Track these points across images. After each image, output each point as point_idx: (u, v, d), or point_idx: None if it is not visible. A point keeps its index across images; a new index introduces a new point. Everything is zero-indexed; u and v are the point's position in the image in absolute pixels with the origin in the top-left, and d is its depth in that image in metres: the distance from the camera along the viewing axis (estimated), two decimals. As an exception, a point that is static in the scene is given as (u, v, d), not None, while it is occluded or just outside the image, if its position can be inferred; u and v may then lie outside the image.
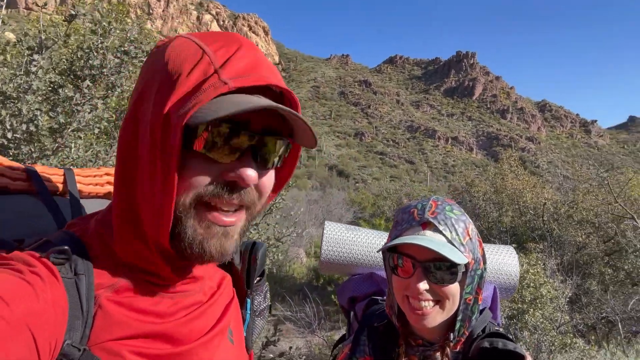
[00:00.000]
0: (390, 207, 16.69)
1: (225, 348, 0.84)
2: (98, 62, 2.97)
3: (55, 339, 0.61)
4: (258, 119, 0.71)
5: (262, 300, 1.07)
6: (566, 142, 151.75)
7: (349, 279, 1.82)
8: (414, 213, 1.24)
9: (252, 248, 1.02)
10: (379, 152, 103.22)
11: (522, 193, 11.10)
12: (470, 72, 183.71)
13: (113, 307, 0.70)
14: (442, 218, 1.20)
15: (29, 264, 0.65)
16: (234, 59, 0.70)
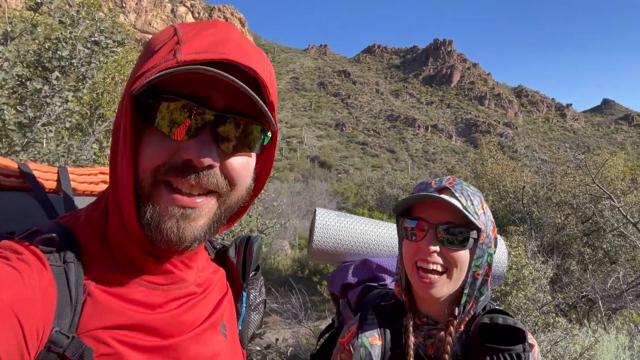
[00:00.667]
0: (373, 196, 16.78)
1: (217, 341, 0.83)
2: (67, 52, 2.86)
3: (42, 325, 0.61)
4: (220, 97, 0.69)
5: (257, 294, 1.06)
6: (543, 126, 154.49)
7: (341, 266, 1.79)
8: (432, 183, 1.26)
9: (247, 242, 1.00)
10: (360, 142, 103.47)
11: (502, 177, 11.26)
12: (448, 59, 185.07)
13: (102, 296, 0.70)
14: (459, 188, 1.22)
15: (17, 252, 0.64)
16: (199, 37, 0.69)
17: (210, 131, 0.69)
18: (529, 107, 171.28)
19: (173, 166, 0.68)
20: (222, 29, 0.72)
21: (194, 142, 0.68)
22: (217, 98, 0.69)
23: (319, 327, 7.26)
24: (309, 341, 6.31)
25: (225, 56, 0.66)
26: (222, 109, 0.69)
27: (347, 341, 1.34)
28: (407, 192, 15.11)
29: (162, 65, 0.65)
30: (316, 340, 6.04)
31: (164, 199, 0.69)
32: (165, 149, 0.68)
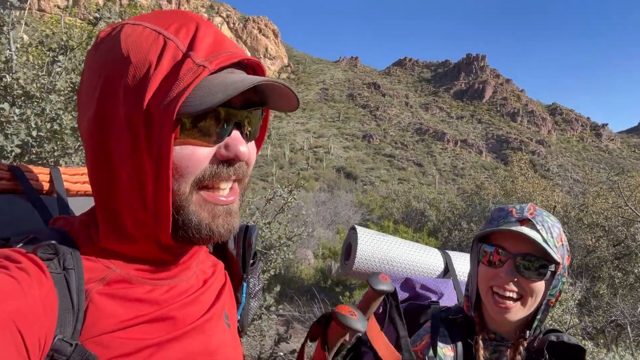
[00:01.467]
0: (398, 210, 16.66)
1: (221, 331, 0.85)
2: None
3: (44, 334, 0.60)
4: (237, 96, 0.70)
5: (256, 282, 1.08)
6: (577, 145, 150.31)
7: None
8: (512, 211, 1.29)
9: (246, 232, 1.02)
10: (387, 155, 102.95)
11: (532, 196, 11.05)
12: (480, 74, 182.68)
13: (105, 300, 0.69)
14: (540, 220, 1.25)
15: (15, 260, 0.63)
16: (198, 39, 0.68)
17: (238, 127, 0.73)
18: (563, 126, 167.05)
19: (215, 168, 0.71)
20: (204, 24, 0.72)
21: (232, 142, 0.71)
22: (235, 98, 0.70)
23: (340, 337, 7.26)
24: (329, 350, 6.33)
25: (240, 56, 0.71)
26: (242, 105, 0.73)
27: (420, 350, 1.39)
28: (434, 207, 14.94)
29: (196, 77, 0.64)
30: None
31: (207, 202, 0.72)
32: (204, 157, 0.69)
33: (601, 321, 6.51)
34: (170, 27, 0.69)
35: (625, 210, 7.85)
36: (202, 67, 0.65)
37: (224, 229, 0.74)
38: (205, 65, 0.65)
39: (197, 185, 0.70)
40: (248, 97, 0.73)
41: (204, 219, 0.72)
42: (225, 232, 0.74)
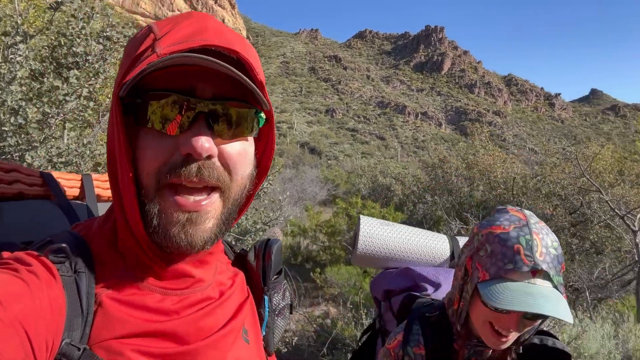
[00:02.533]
0: (365, 185, 16.85)
1: (238, 347, 0.80)
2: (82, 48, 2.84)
3: (52, 338, 0.60)
4: (206, 87, 0.68)
5: (280, 299, 1.02)
6: (531, 115, 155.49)
7: (384, 272, 1.89)
8: (520, 252, 1.14)
9: (266, 245, 0.98)
10: (350, 129, 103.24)
11: (493, 168, 11.41)
12: (439, 46, 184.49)
13: (114, 305, 0.68)
14: (550, 260, 1.14)
15: (26, 263, 0.64)
16: (176, 29, 0.68)
17: (204, 121, 0.67)
18: (518, 96, 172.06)
19: (174, 164, 0.67)
20: (198, 18, 0.71)
21: (190, 134, 0.66)
22: (203, 88, 0.68)
23: (312, 313, 7.38)
24: (304, 327, 6.43)
25: (205, 42, 0.66)
26: (211, 97, 0.68)
27: (393, 348, 1.42)
28: (400, 181, 15.21)
29: (143, 63, 0.64)
30: (311, 325, 6.14)
31: (168, 205, 0.68)
32: (163, 147, 0.67)
33: (560, 286, 6.86)
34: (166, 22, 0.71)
35: (581, 180, 8.22)
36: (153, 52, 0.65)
37: (182, 240, 0.68)
38: (157, 51, 0.65)
39: (157, 182, 0.67)
40: (222, 92, 0.69)
41: (162, 221, 0.68)
42: (183, 243, 0.68)
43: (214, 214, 0.71)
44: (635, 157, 14.59)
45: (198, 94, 0.68)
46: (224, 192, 0.72)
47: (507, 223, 1.20)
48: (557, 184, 9.19)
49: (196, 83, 0.68)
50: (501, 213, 1.27)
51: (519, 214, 1.23)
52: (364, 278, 7.65)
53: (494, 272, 1.16)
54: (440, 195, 11.75)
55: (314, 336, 6.01)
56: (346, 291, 7.37)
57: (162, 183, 0.67)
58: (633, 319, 5.91)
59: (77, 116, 2.82)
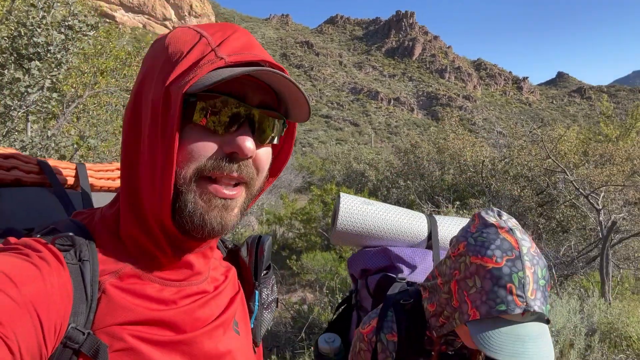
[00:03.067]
0: (339, 172, 16.94)
1: (229, 338, 0.85)
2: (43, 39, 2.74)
3: (60, 322, 0.63)
4: (254, 95, 0.74)
5: (269, 293, 1.07)
6: (500, 99, 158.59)
7: (361, 251, 1.90)
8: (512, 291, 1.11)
9: (259, 241, 1.02)
10: (324, 116, 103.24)
11: (463, 152, 11.63)
12: (410, 32, 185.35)
13: (117, 292, 0.71)
14: (540, 295, 1.13)
15: (36, 249, 0.66)
16: (229, 40, 0.73)
17: (249, 125, 0.74)
18: (487, 80, 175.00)
19: (218, 160, 0.72)
20: (242, 32, 0.77)
21: (238, 135, 0.72)
22: (252, 95, 0.74)
23: (289, 299, 7.43)
24: (281, 314, 6.47)
25: (262, 57, 0.73)
26: (257, 104, 0.75)
27: (366, 333, 1.43)
28: (373, 167, 15.34)
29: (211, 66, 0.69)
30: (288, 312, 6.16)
31: (207, 192, 0.73)
32: (210, 145, 0.72)
33: (528, 265, 7.09)
34: (211, 30, 0.76)
35: (547, 161, 8.46)
36: (220, 58, 0.69)
37: (216, 223, 0.74)
38: (224, 57, 0.69)
39: (198, 174, 0.72)
40: (265, 100, 0.77)
41: (199, 207, 0.72)
42: (217, 226, 0.74)
43: (239, 203, 0.78)
44: (599, 138, 15.13)
45: (248, 100, 0.74)
46: (249, 187, 0.78)
47: (499, 253, 1.15)
48: (525, 166, 9.43)
49: (247, 89, 0.74)
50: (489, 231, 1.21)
51: (511, 239, 1.18)
52: (340, 263, 7.73)
53: (484, 312, 1.13)
54: (412, 179, 11.92)
55: (291, 322, 6.06)
56: (322, 277, 7.44)
57: (202, 175, 0.72)
58: (597, 294, 6.17)
59: (41, 108, 2.74)
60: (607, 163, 9.44)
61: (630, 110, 17.33)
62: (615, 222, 6.14)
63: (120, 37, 9.52)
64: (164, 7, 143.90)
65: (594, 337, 4.93)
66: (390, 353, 1.37)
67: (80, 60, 5.80)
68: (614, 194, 7.79)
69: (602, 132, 16.18)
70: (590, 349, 4.84)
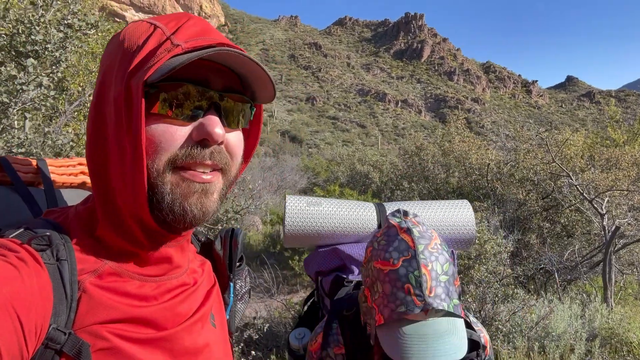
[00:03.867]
0: (343, 173, 16.89)
1: (207, 331, 0.86)
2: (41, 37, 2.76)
3: (40, 323, 0.62)
4: (217, 79, 0.74)
5: (243, 284, 1.09)
6: (509, 102, 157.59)
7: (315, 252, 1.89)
8: (410, 291, 1.13)
9: (232, 234, 1.03)
10: (331, 117, 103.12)
11: (468, 154, 11.55)
12: (419, 34, 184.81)
13: (97, 291, 0.70)
14: (441, 292, 1.13)
15: (12, 250, 0.65)
16: (184, 27, 0.73)
17: (215, 110, 0.73)
18: (496, 83, 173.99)
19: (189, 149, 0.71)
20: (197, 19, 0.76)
21: (206, 121, 0.72)
22: (214, 80, 0.74)
23: (291, 300, 7.43)
24: (281, 315, 6.47)
25: (218, 41, 0.72)
26: (222, 89, 0.75)
27: (314, 350, 1.43)
28: (377, 168, 15.29)
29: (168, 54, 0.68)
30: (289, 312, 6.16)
31: (184, 179, 0.72)
32: (178, 134, 0.71)
33: (531, 269, 7.05)
34: (165, 20, 0.75)
35: (553, 165, 8.40)
36: (177, 45, 0.69)
37: (197, 209, 0.74)
38: (180, 44, 0.69)
39: (171, 165, 0.71)
40: (230, 84, 0.76)
41: (178, 196, 0.72)
42: (198, 212, 0.74)
43: (218, 188, 0.78)
44: (606, 143, 14.97)
45: (211, 85, 0.73)
46: (225, 173, 0.78)
47: (396, 255, 1.17)
48: (530, 169, 9.36)
49: (209, 74, 0.73)
50: (390, 234, 1.23)
51: (408, 238, 1.19)
52: (342, 265, 7.70)
53: (387, 315, 1.14)
54: (417, 182, 11.88)
55: (291, 322, 6.06)
56: (324, 278, 7.42)
57: (176, 165, 0.71)
58: (600, 299, 6.12)
59: (38, 105, 2.76)
60: (613, 168, 9.33)
61: (638, 115, 17.15)
62: (619, 227, 6.09)
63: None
64: (174, 8, 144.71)
65: (594, 342, 4.89)
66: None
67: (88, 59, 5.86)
68: (619, 199, 7.72)
69: (610, 137, 16.02)
70: (590, 354, 4.80)
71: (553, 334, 4.91)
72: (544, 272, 7.17)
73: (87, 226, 0.77)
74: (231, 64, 0.75)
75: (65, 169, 1.10)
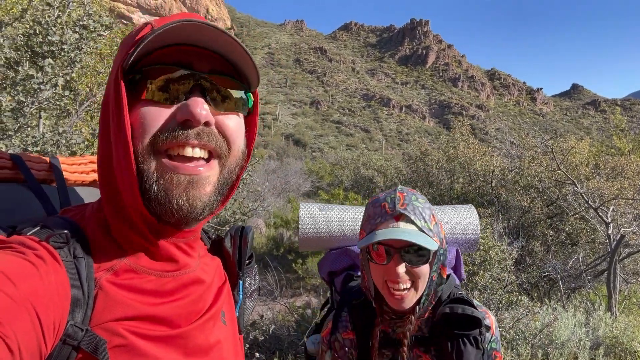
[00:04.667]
0: (348, 177, 16.94)
1: (218, 329, 0.87)
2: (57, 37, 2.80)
3: (59, 319, 0.63)
4: (202, 62, 0.74)
5: (252, 282, 1.09)
6: (513, 109, 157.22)
7: (327, 254, 1.97)
8: (385, 207, 1.33)
9: (242, 231, 1.03)
10: (335, 121, 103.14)
11: (473, 161, 11.54)
12: (424, 40, 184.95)
13: (113, 288, 0.71)
14: (412, 209, 1.31)
15: (31, 247, 0.66)
16: (169, 18, 0.73)
17: (200, 92, 0.72)
18: (500, 90, 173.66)
19: (172, 130, 0.70)
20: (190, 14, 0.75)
21: (189, 102, 0.71)
22: (199, 63, 0.73)
23: (294, 303, 7.44)
24: (284, 317, 6.48)
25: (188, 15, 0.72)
26: (208, 71, 0.74)
27: (325, 335, 1.53)
28: (382, 173, 15.31)
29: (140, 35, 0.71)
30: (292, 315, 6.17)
31: (169, 169, 0.71)
32: (160, 116, 0.71)
33: (535, 276, 7.03)
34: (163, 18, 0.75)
35: (558, 173, 8.38)
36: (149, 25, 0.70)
37: (183, 202, 0.72)
38: (153, 24, 0.70)
39: (154, 148, 0.70)
40: (217, 67, 0.75)
41: (162, 186, 0.71)
42: (184, 205, 0.72)
43: (212, 179, 0.75)
44: (612, 151, 14.93)
45: (195, 68, 0.73)
46: (222, 160, 0.77)
47: (383, 194, 1.39)
48: (535, 177, 9.35)
49: (194, 58, 0.73)
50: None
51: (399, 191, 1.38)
52: (345, 269, 7.70)
53: (368, 229, 1.34)
54: (421, 187, 11.87)
55: (294, 326, 6.07)
56: (327, 281, 7.43)
57: (158, 148, 0.70)
58: (604, 307, 6.10)
59: (53, 105, 2.80)
60: (619, 176, 9.31)
61: (644, 124, 17.09)
62: (624, 236, 6.07)
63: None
64: (180, 10, 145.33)
65: (598, 351, 4.87)
66: (348, 350, 1.46)
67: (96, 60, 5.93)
68: (624, 208, 7.69)
69: (615, 146, 15.98)
70: (594, 363, 4.78)
71: (557, 342, 4.90)
72: (548, 279, 7.15)
73: (102, 224, 0.78)
74: (213, 46, 0.74)
75: (77, 166, 1.11)
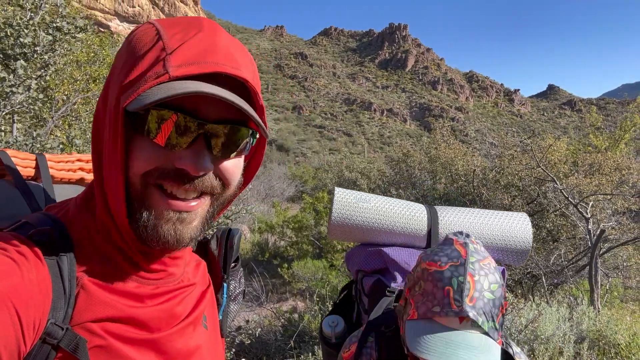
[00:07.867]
0: (331, 180, 16.96)
1: (199, 334, 0.85)
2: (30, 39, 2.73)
3: (39, 317, 0.62)
4: (209, 109, 0.69)
5: (237, 285, 1.08)
6: (492, 110, 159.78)
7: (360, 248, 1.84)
8: (450, 294, 1.09)
9: (229, 234, 1.02)
10: (318, 126, 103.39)
11: (454, 161, 11.66)
12: (403, 44, 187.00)
13: (94, 288, 0.70)
14: (482, 305, 1.08)
15: (13, 244, 0.65)
16: (187, 45, 0.67)
17: (203, 141, 0.69)
18: (479, 92, 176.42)
19: (166, 172, 0.69)
20: (208, 32, 0.71)
21: (189, 153, 0.68)
22: (206, 110, 0.69)
23: (280, 308, 7.38)
24: (271, 322, 6.42)
25: (216, 67, 0.66)
26: (214, 120, 0.69)
27: (346, 358, 1.42)
28: (365, 175, 15.36)
29: (155, 80, 0.64)
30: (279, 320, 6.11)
31: (160, 204, 0.70)
32: (157, 157, 0.68)
33: (518, 274, 7.11)
34: (173, 29, 0.70)
35: (537, 171, 8.52)
36: (165, 72, 0.64)
37: (171, 236, 0.71)
38: (169, 71, 0.64)
39: (146, 180, 0.69)
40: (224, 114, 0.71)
41: (152, 218, 0.70)
42: (172, 239, 0.72)
43: (202, 213, 0.75)
44: (589, 149, 15.28)
45: (201, 115, 0.69)
46: (215, 197, 0.76)
47: (445, 260, 1.15)
48: (515, 175, 9.48)
49: (200, 105, 0.69)
50: (446, 245, 1.21)
51: (462, 249, 1.17)
52: (331, 271, 7.71)
53: (422, 313, 1.12)
54: (404, 188, 11.94)
55: (281, 330, 6.02)
56: (313, 285, 7.41)
57: (149, 183, 0.69)
58: (586, 302, 6.19)
59: (26, 109, 2.72)
60: (597, 173, 9.51)
61: (619, 122, 17.55)
62: (604, 231, 6.18)
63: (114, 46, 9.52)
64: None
65: (582, 345, 4.93)
66: None
67: (72, 67, 5.82)
68: (602, 203, 7.85)
69: (592, 144, 16.35)
70: (579, 357, 4.84)
71: (542, 337, 4.95)
72: (531, 276, 7.23)
73: (89, 225, 0.76)
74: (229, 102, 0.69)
75: (64, 164, 1.09)
